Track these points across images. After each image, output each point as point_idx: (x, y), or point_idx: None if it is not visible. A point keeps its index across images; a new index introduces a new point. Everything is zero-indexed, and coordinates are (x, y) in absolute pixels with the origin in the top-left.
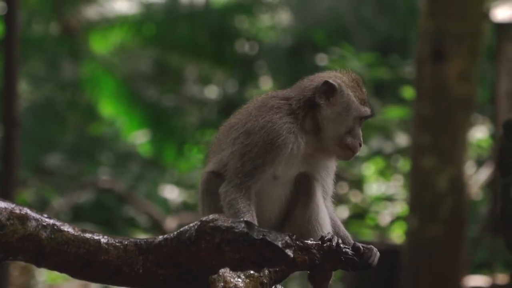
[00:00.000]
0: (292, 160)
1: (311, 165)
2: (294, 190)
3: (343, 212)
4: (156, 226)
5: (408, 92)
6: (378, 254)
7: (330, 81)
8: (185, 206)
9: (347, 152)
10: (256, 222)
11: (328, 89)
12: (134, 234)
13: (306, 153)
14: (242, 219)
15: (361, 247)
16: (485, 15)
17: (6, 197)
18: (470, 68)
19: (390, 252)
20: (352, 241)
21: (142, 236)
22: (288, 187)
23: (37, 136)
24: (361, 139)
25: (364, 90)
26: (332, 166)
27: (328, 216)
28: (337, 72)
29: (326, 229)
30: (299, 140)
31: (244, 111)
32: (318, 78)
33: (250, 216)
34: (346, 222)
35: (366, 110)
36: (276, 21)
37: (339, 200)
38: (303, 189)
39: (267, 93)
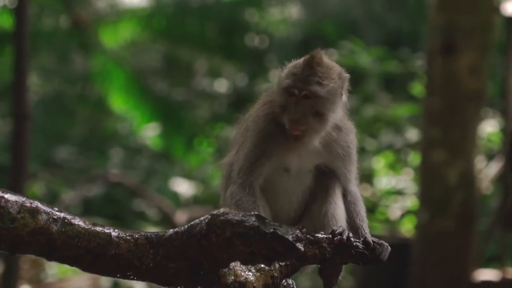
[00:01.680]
0: (286, 150)
1: (321, 155)
2: (313, 184)
3: None
4: (166, 220)
5: (418, 87)
6: (389, 249)
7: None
8: (196, 200)
9: (290, 133)
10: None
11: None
12: (144, 228)
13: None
14: (252, 213)
15: (371, 242)
16: (496, 9)
17: (16, 190)
18: (481, 62)
19: (400, 246)
20: (367, 230)
21: (152, 229)
22: (304, 180)
23: (47, 129)
24: (294, 115)
25: (306, 66)
26: (349, 151)
27: (344, 211)
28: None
29: (340, 223)
30: (276, 131)
31: (254, 110)
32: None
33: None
34: None
35: (286, 82)
36: (286, 15)
37: None
38: (320, 183)
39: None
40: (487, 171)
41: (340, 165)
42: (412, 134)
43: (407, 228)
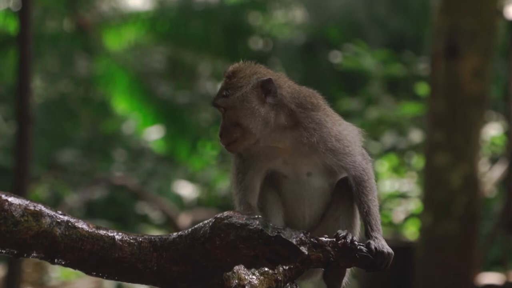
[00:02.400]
0: (268, 159)
1: (305, 157)
2: (329, 190)
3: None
4: (169, 223)
5: (422, 89)
6: (392, 255)
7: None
8: (199, 203)
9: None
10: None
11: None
12: (147, 231)
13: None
14: (256, 216)
15: (373, 249)
16: (499, 12)
17: (20, 193)
18: (484, 65)
19: (404, 249)
20: (376, 225)
21: (155, 232)
22: (311, 185)
23: (50, 132)
24: (219, 129)
25: (222, 81)
26: (332, 144)
27: (357, 215)
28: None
29: (353, 230)
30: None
31: None
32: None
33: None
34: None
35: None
36: (290, 18)
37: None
38: (335, 188)
39: None
40: (491, 174)
41: (333, 159)
42: (416, 136)
43: (411, 231)
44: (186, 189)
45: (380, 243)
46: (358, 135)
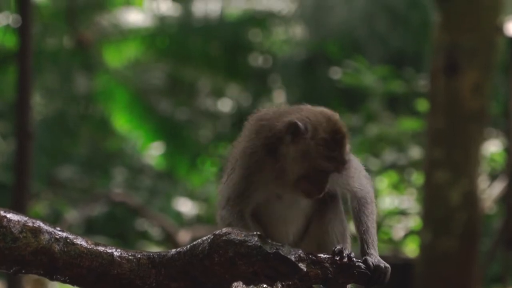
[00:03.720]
0: (274, 182)
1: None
2: (309, 208)
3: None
4: (169, 239)
5: (422, 105)
6: (389, 270)
7: (299, 124)
8: (199, 219)
9: (303, 194)
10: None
11: (294, 131)
12: (147, 247)
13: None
14: (255, 233)
15: (371, 264)
16: (499, 29)
17: (19, 209)
18: (484, 81)
19: (403, 265)
20: (373, 243)
21: (155, 249)
22: (300, 205)
23: (50, 148)
24: (321, 186)
25: (340, 145)
26: (349, 173)
27: (343, 224)
28: (318, 117)
29: (340, 239)
30: (264, 166)
31: (241, 141)
32: (299, 113)
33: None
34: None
35: (327, 166)
36: (289, 35)
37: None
38: (316, 204)
39: (263, 111)
40: (490, 191)
41: (344, 184)
42: (415, 152)
43: (411, 248)
44: (185, 206)
45: (376, 258)
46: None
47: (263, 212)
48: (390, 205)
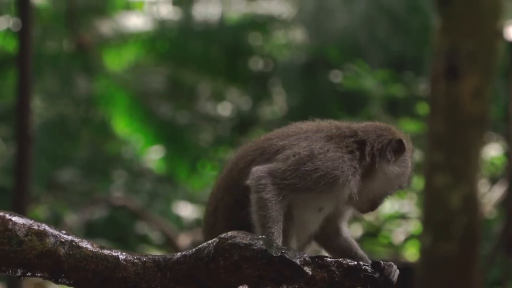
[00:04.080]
0: (341, 200)
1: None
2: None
3: (357, 230)
4: (169, 243)
5: (422, 109)
6: (397, 270)
7: (404, 141)
8: (199, 223)
9: (368, 208)
10: (281, 236)
11: (398, 148)
12: (147, 251)
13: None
14: (260, 236)
15: (381, 262)
16: (499, 33)
17: (19, 213)
18: (484, 85)
19: (403, 270)
20: (369, 261)
21: (155, 252)
22: (325, 214)
23: (50, 152)
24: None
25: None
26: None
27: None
28: (407, 136)
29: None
30: (355, 186)
31: (301, 137)
32: (392, 131)
33: (278, 228)
34: (359, 240)
35: (409, 184)
36: (290, 39)
37: (352, 218)
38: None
39: (330, 125)
40: (491, 195)
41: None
42: (416, 156)
43: (411, 252)
44: (185, 210)
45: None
46: None
47: (298, 219)
48: (390, 209)
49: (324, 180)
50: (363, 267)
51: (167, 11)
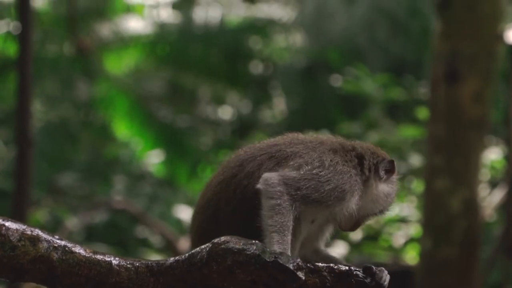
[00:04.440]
0: (339, 214)
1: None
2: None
3: (357, 233)
4: (169, 247)
5: (422, 113)
6: (388, 275)
7: (395, 162)
8: None
9: (350, 226)
10: (290, 243)
11: (390, 168)
12: (147, 255)
13: None
14: (254, 241)
15: (373, 267)
16: (499, 37)
17: (20, 216)
18: (484, 89)
19: (403, 273)
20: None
21: (155, 256)
22: (315, 225)
23: (50, 155)
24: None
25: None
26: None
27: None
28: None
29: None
30: (357, 202)
31: (309, 146)
32: (380, 151)
33: (289, 235)
34: (359, 244)
35: (388, 210)
36: (290, 42)
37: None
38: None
39: (332, 139)
40: (491, 198)
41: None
42: (416, 160)
43: (411, 255)
44: (186, 213)
45: None
46: None
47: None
48: (390, 213)
49: (335, 194)
50: (354, 272)
51: (167, 15)
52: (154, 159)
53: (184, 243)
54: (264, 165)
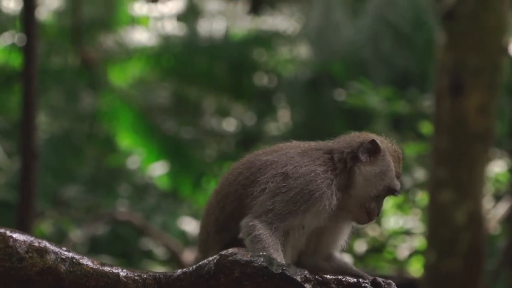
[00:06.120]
0: (322, 214)
1: (332, 221)
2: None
3: (361, 246)
4: (173, 259)
5: (426, 127)
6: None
7: (377, 141)
8: None
9: (365, 217)
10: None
11: (373, 149)
12: (151, 267)
13: (334, 210)
14: (261, 253)
15: (381, 282)
16: (504, 49)
17: (24, 229)
18: (489, 102)
19: (408, 286)
20: (369, 277)
21: (159, 268)
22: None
23: (55, 167)
24: (380, 210)
25: (401, 165)
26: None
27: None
28: (383, 138)
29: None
30: (333, 197)
31: (282, 153)
32: (365, 136)
33: (279, 254)
34: (364, 256)
35: (397, 184)
36: (294, 54)
37: (357, 233)
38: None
39: (310, 143)
40: (495, 211)
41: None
42: (420, 174)
43: (415, 268)
44: (190, 225)
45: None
46: None
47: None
48: (394, 225)
49: (302, 197)
50: (363, 285)
51: (172, 27)
52: (158, 171)
53: (188, 255)
54: (243, 173)
